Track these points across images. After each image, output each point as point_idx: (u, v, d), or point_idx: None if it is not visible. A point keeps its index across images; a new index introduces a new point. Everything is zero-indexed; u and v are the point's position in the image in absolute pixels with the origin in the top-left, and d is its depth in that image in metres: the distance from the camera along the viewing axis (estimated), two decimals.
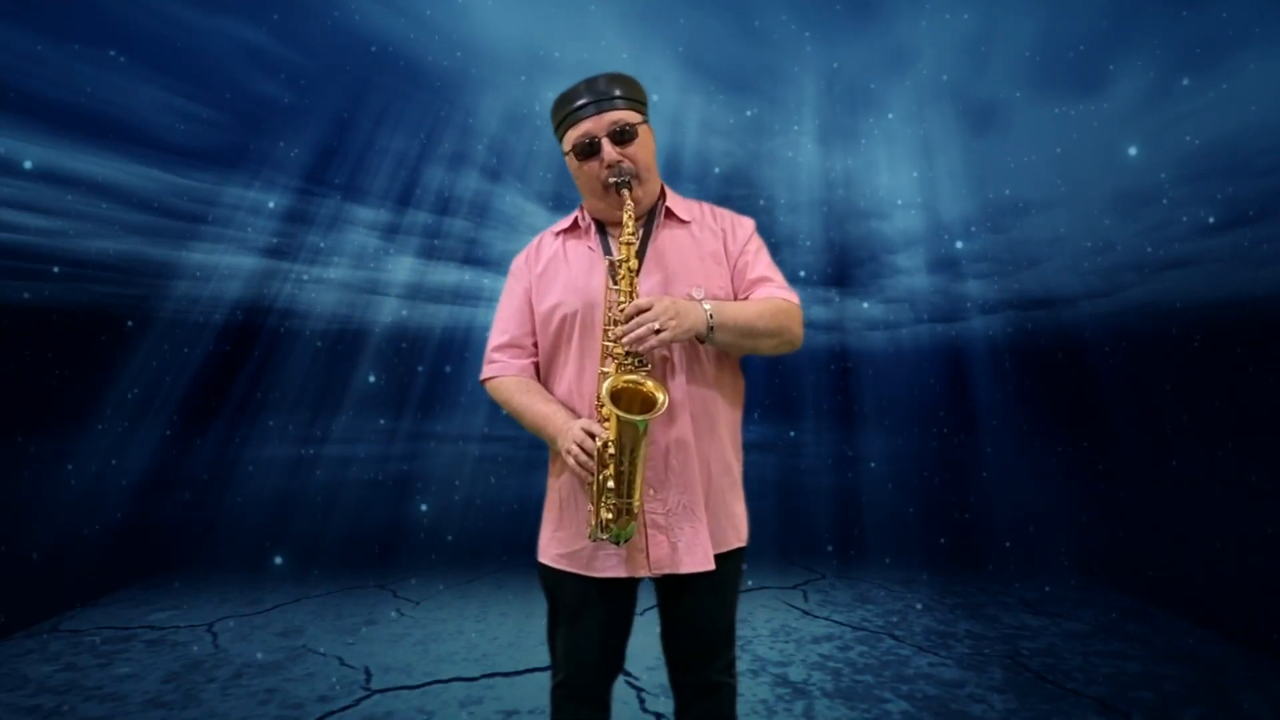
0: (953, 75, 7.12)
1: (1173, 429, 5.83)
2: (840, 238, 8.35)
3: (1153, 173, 6.11)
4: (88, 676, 2.84)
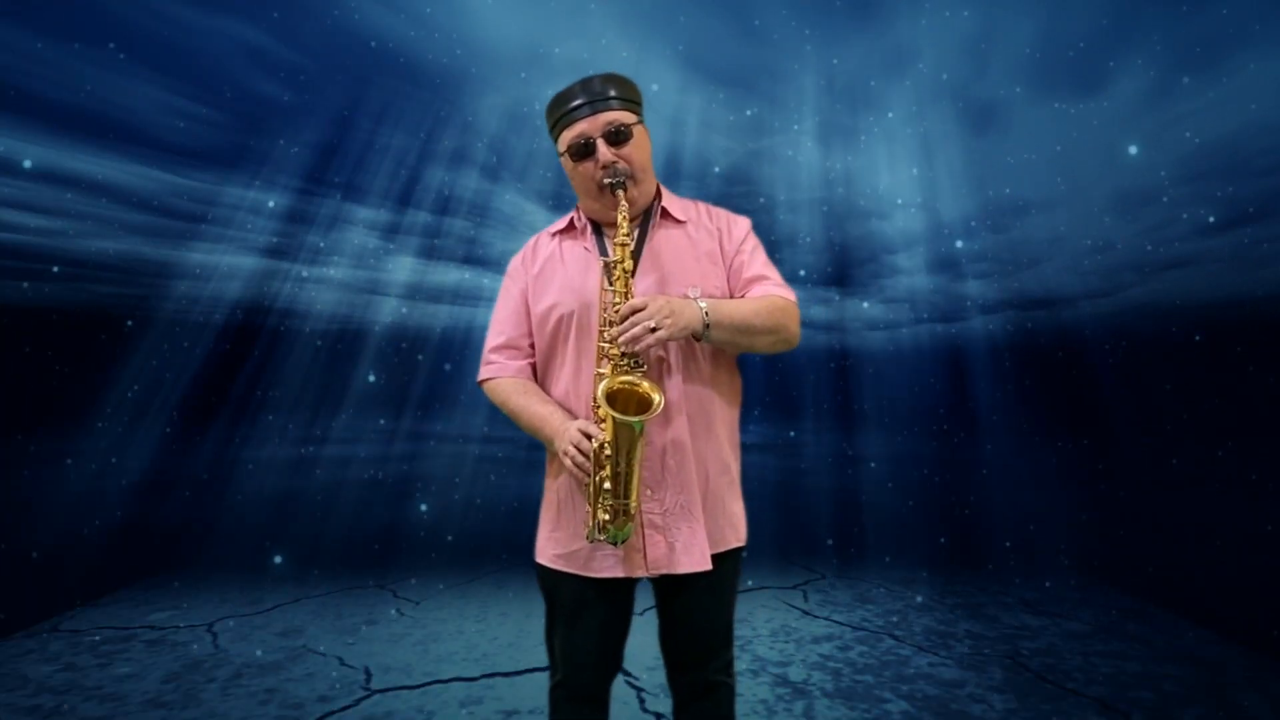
0: (953, 74, 7.11)
1: (1173, 429, 5.83)
2: (840, 237, 8.35)
3: (1153, 172, 6.11)
4: (88, 676, 2.84)
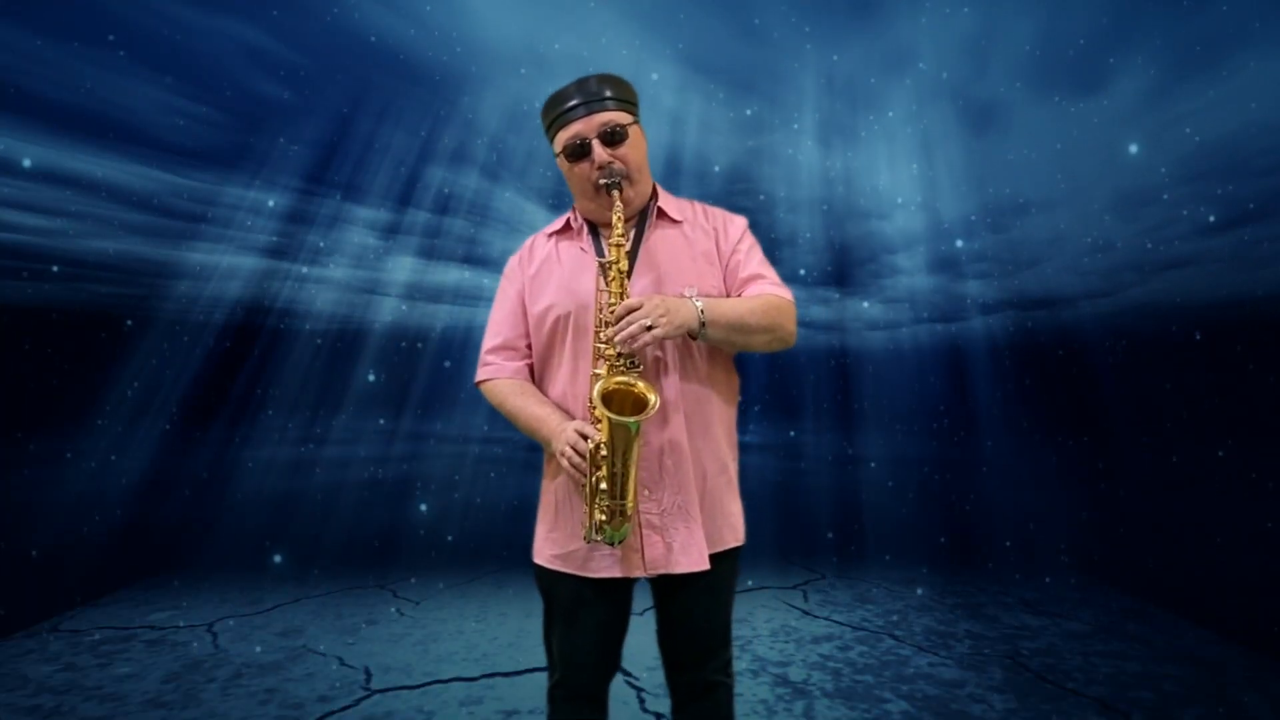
0: (953, 73, 7.11)
1: (1173, 428, 5.82)
2: (840, 237, 8.35)
3: (1153, 172, 6.10)
4: (88, 676, 2.84)
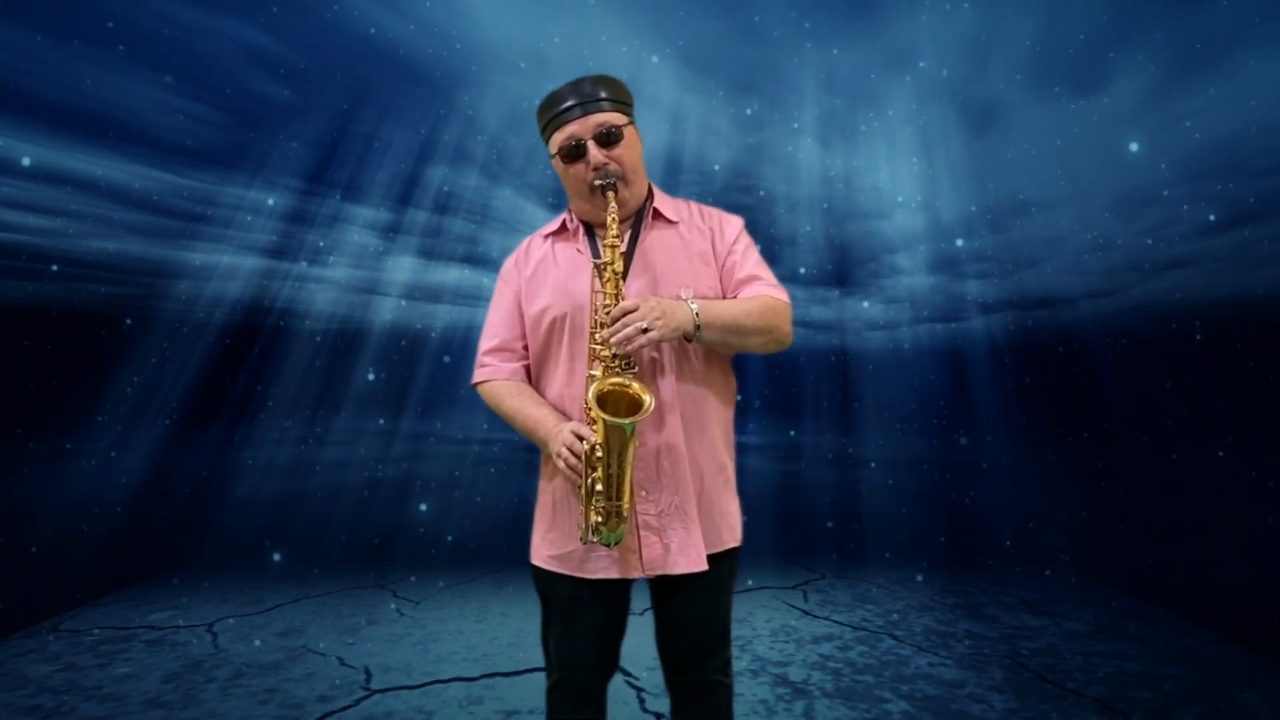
0: (953, 73, 7.11)
1: (1173, 428, 5.82)
2: (840, 237, 8.35)
3: (1153, 172, 6.10)
4: (88, 676, 2.84)
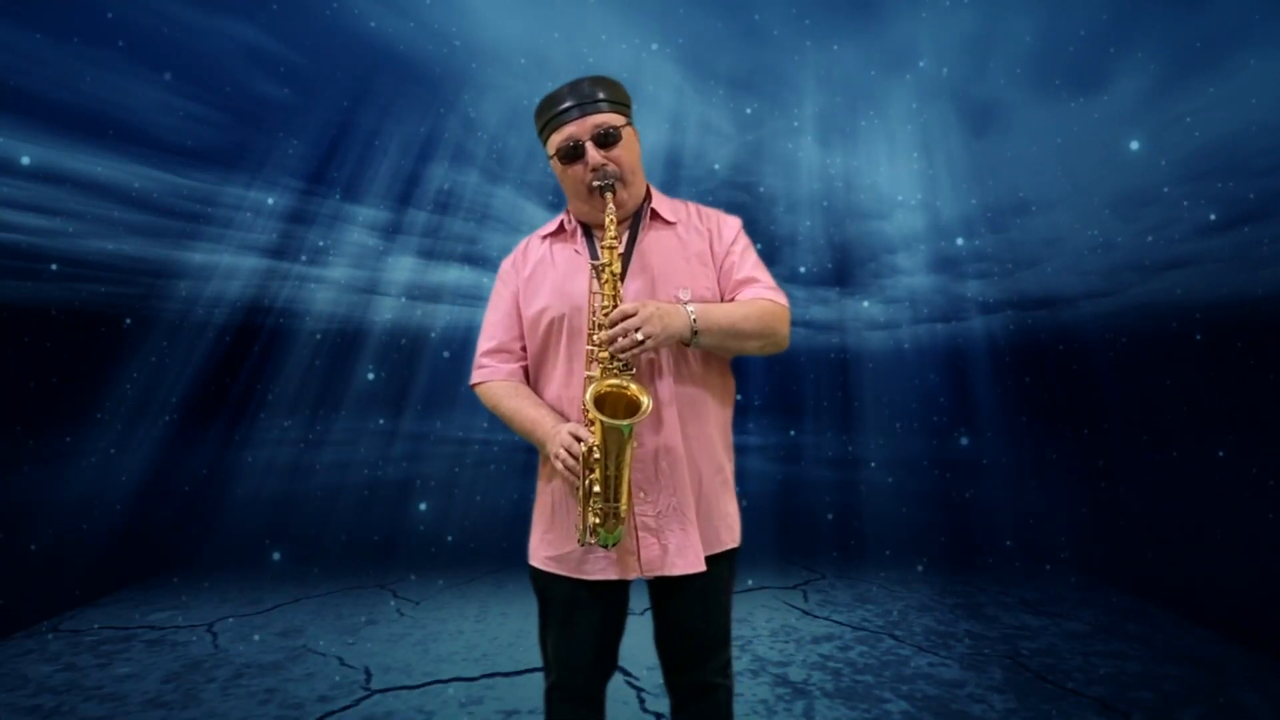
0: (953, 72, 7.11)
1: (1173, 428, 5.82)
2: (840, 237, 8.35)
3: (1154, 172, 6.11)
4: (88, 676, 2.84)
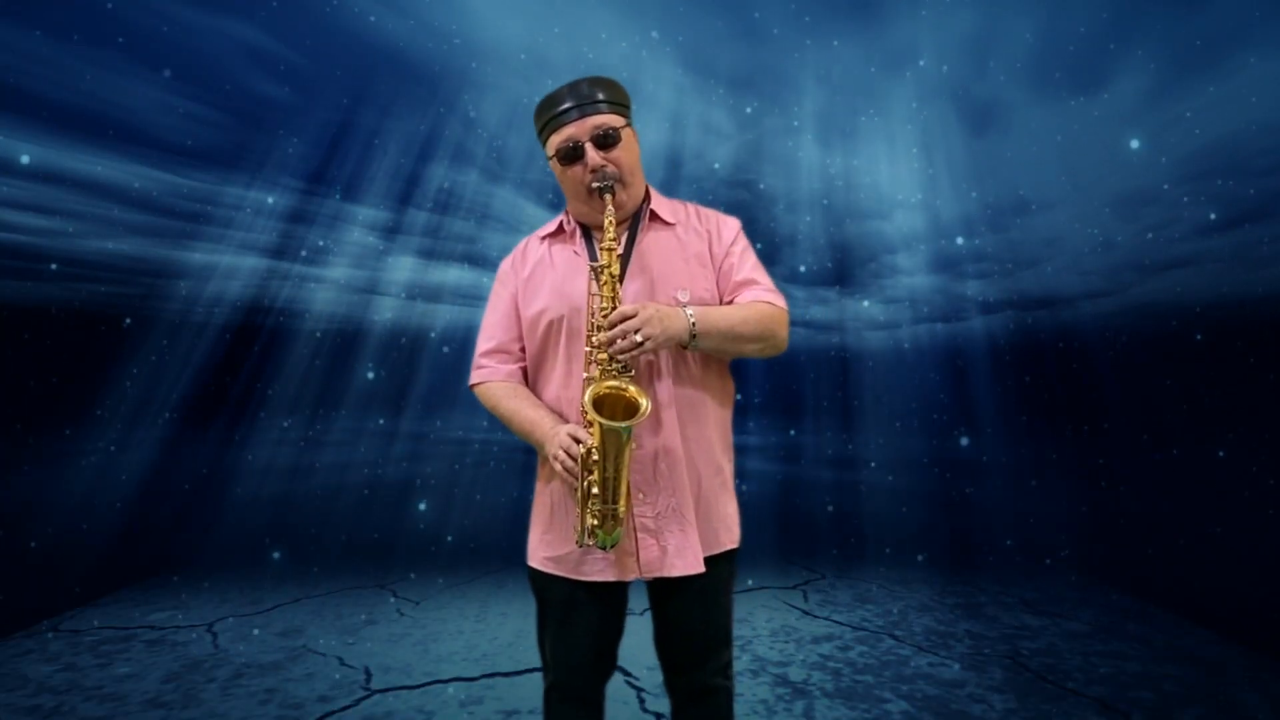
0: (953, 72, 7.11)
1: (1173, 428, 5.82)
2: (840, 237, 8.35)
3: (1154, 171, 6.11)
4: (88, 676, 2.84)
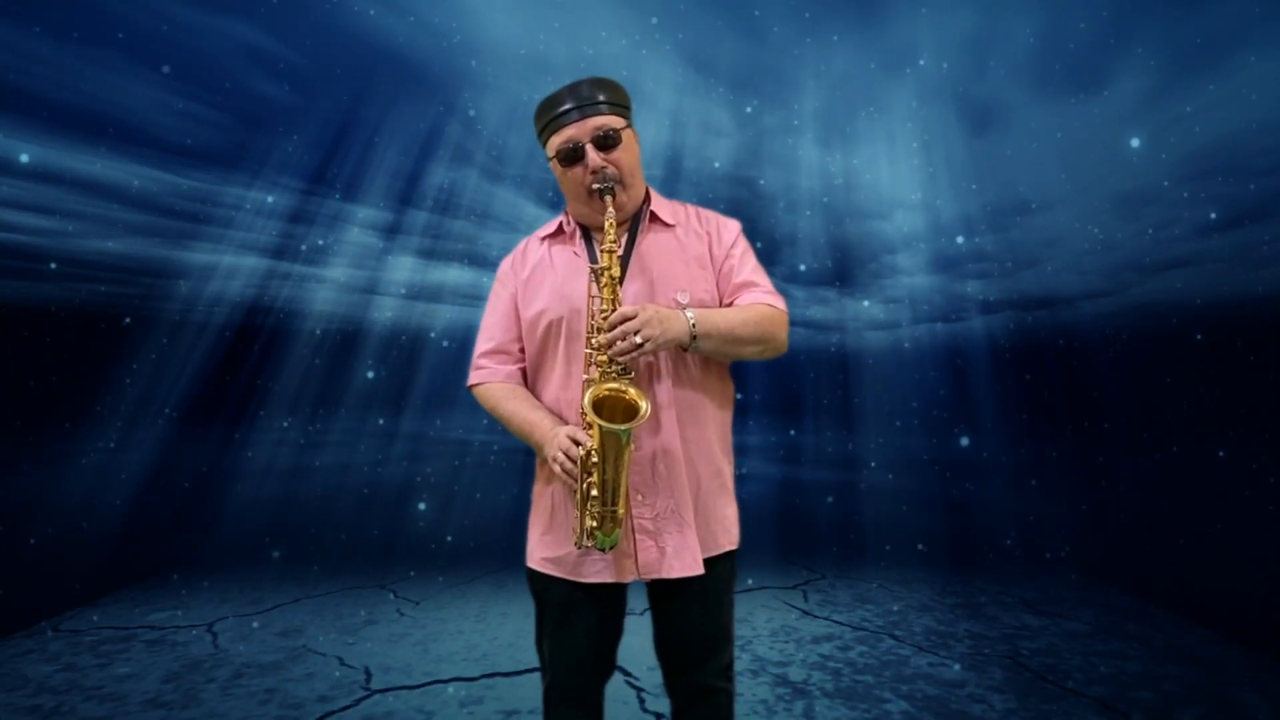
0: (954, 72, 7.11)
1: (1173, 427, 5.82)
2: (840, 236, 8.35)
3: (1154, 171, 6.11)
4: (88, 676, 2.84)
